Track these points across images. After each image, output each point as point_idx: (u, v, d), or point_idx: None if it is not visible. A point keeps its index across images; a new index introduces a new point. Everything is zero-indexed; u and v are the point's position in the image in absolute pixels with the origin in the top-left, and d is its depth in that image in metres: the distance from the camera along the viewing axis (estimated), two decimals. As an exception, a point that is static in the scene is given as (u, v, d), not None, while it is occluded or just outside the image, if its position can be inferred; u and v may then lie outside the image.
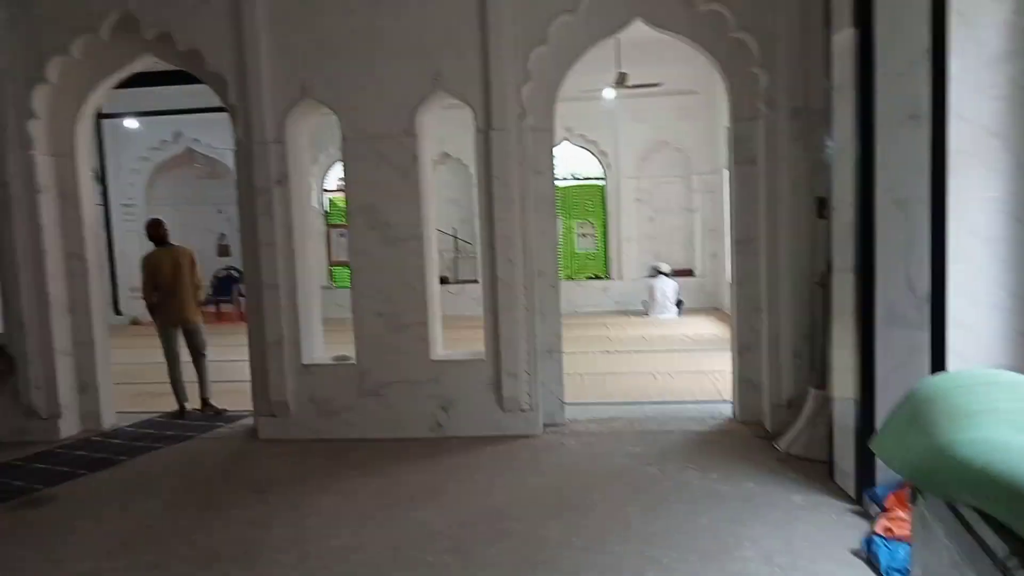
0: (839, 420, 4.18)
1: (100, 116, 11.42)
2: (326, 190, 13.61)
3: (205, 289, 6.39)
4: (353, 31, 5.24)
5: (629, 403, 6.24)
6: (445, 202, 12.74)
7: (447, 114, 6.21)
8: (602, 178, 13.23)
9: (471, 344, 6.08)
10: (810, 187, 4.90)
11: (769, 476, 4.42)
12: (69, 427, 5.87)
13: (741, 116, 5.35)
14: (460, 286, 12.63)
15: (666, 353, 8.71)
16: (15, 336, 5.70)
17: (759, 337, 5.40)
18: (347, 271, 5.93)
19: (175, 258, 6.36)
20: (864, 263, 3.80)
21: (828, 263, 4.32)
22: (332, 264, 13.49)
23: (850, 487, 3.99)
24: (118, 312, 12.74)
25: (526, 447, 5.18)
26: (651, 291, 12.03)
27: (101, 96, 5.95)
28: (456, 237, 13.38)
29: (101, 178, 12.32)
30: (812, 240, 4.94)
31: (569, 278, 12.96)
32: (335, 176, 13.37)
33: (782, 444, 4.86)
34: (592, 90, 10.65)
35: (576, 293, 12.48)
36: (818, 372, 4.80)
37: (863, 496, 3.82)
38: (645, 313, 12.06)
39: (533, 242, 5.38)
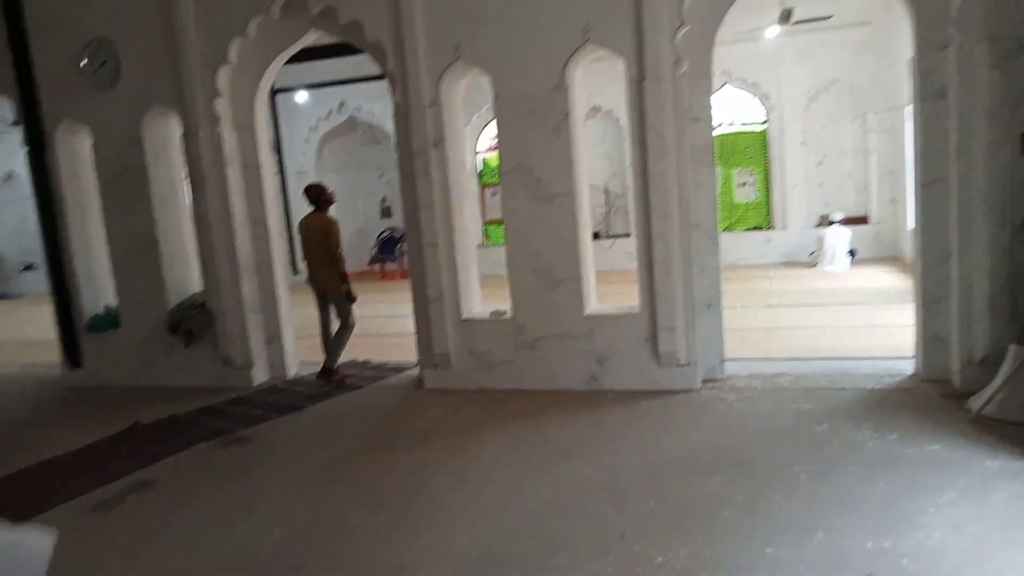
0: (1044, 381, 3.72)
1: (274, 91, 12.34)
2: (479, 151, 13.90)
3: (343, 260, 6.17)
4: (501, -12, 5.24)
5: (795, 359, 5.92)
6: (596, 156, 12.59)
7: (597, 67, 6.08)
8: (764, 123, 12.45)
9: (624, 299, 6.02)
10: (1010, 122, 4.32)
11: (958, 439, 4.04)
12: (259, 375, 6.51)
13: (928, 46, 4.79)
14: (612, 241, 12.51)
15: (837, 307, 8.16)
16: (212, 293, 6.38)
17: (948, 288, 4.90)
18: (501, 229, 6.04)
19: (321, 225, 6.18)
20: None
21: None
22: (486, 223, 13.82)
23: (1057, 456, 3.57)
24: (295, 271, 13.87)
25: (683, 402, 5.09)
26: (820, 241, 11.27)
27: (274, 72, 6.39)
28: (608, 191, 13.21)
29: (277, 149, 13.34)
30: (1012, 180, 4.37)
31: (728, 230, 12.42)
32: (487, 137, 13.60)
33: (974, 404, 4.42)
34: (753, 30, 9.99)
35: (736, 245, 11.96)
36: (1019, 326, 4.29)
37: (1073, 466, 3.41)
38: (813, 265, 11.34)
39: (689, 193, 5.19)
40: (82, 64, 6.26)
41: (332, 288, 6.19)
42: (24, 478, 4.63)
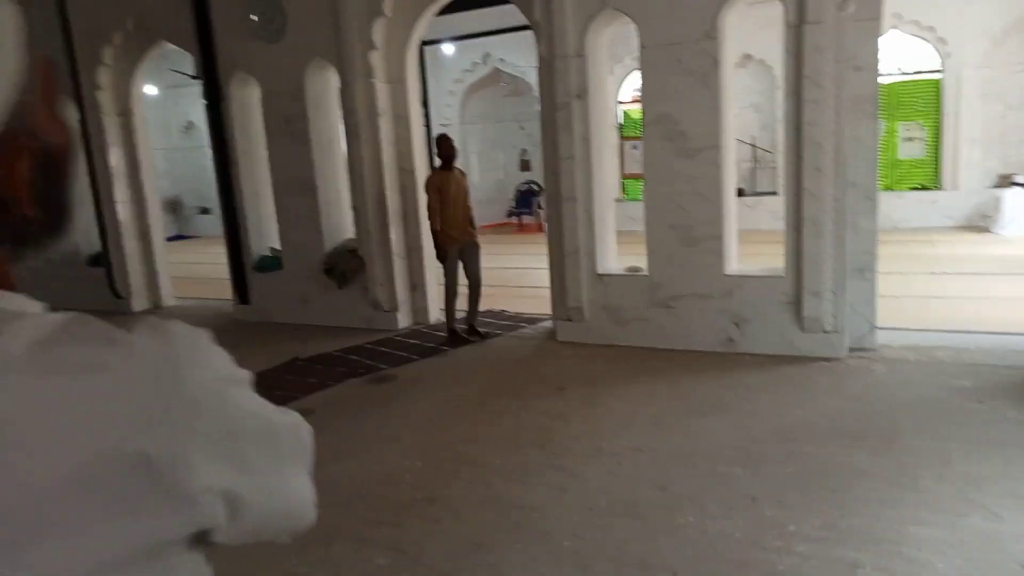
0: None
1: (422, 44, 12.66)
2: (620, 102, 13.61)
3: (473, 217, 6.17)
4: (654, -69, 5.05)
5: (956, 331, 5.47)
6: (745, 108, 11.97)
7: (751, 12, 5.76)
8: (938, 71, 11.29)
9: (767, 260, 5.79)
10: None
11: None
12: (403, 320, 6.88)
13: None
14: (757, 198, 11.94)
15: (1010, 276, 7.41)
16: (363, 240, 6.77)
17: None
18: (638, 184, 5.95)
19: (459, 180, 6.11)
20: None
21: None
22: (624, 177, 13.60)
23: None
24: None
25: (826, 370, 4.87)
26: (998, 203, 10.20)
27: (424, 25, 6.57)
28: (755, 146, 12.57)
29: (424, 101, 13.74)
30: None
31: (888, 188, 11.46)
32: (629, 88, 13.27)
33: None
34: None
35: (897, 206, 11.04)
36: None
37: None
38: (987, 229, 10.30)
39: (847, 148, 4.85)
40: (253, 18, 6.73)
41: (473, 242, 6.22)
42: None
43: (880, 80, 4.97)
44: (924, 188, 11.67)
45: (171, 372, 0.55)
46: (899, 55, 11.32)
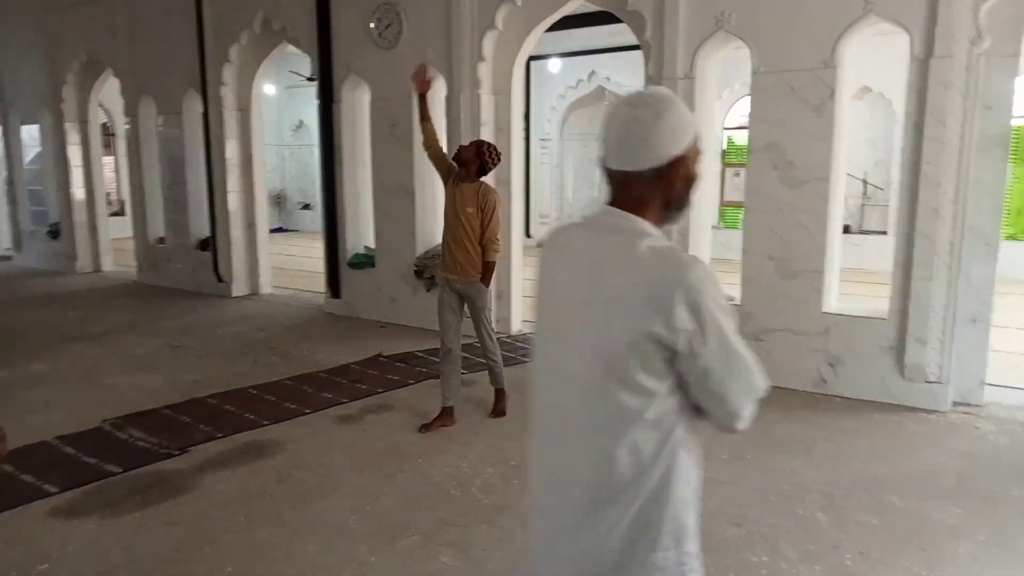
0: None
1: (528, 59, 12.80)
2: (725, 128, 13.33)
3: (497, 247, 4.46)
4: (777, -45, 4.94)
5: (1076, 397, 5.05)
6: (858, 142, 11.46)
7: (875, 41, 5.53)
8: (1077, 117, 10.49)
9: (869, 301, 5.50)
10: None
11: None
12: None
13: None
14: (863, 236, 11.40)
15: None
16: (455, 246, 6.87)
17: None
18: (737, 212, 5.78)
19: (467, 199, 4.37)
20: None
21: None
22: (723, 205, 13.28)
23: None
24: (528, 235, 14.44)
25: (925, 422, 4.58)
26: None
27: (534, 39, 6.64)
28: (866, 182, 12.02)
29: (526, 115, 13.88)
30: None
31: (1013, 238, 10.71)
32: (736, 114, 12.98)
33: None
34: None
35: (1019, 256, 10.30)
36: None
37: None
38: (1118, 292, 9.46)
39: (969, 191, 4.58)
40: (371, 26, 6.99)
41: (472, 283, 4.45)
42: (287, 385, 5.41)
43: (1013, 122, 4.67)
44: (1050, 241, 10.84)
45: (683, 278, 1.27)
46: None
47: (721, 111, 12.71)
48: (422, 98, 4.48)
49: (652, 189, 1.36)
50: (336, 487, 3.73)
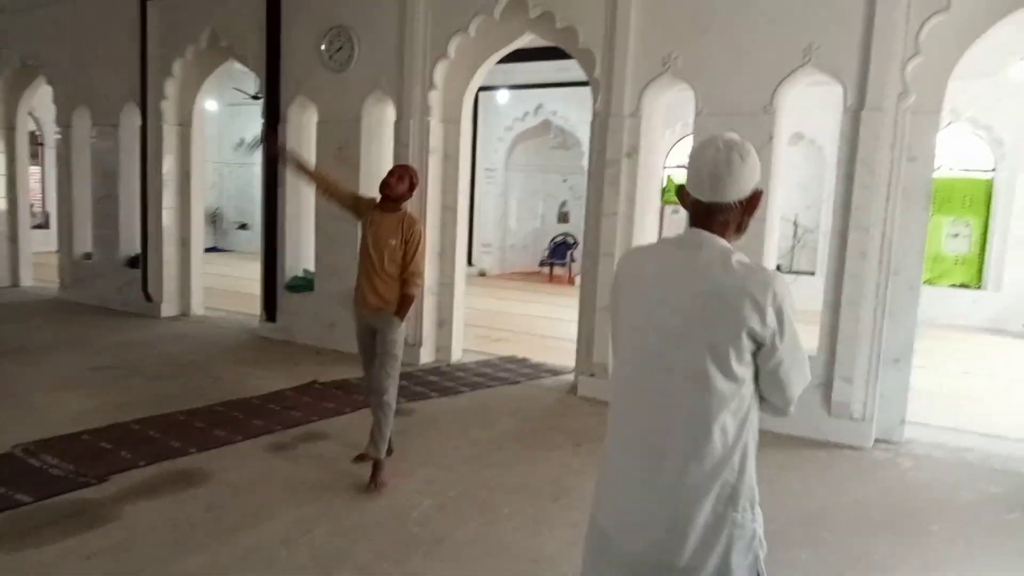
0: None
1: (478, 89, 12.94)
2: (666, 167, 13.70)
3: (419, 281, 4.19)
4: (723, 3, 5.15)
5: (989, 436, 5.31)
6: (791, 186, 11.94)
7: (809, 90, 5.80)
8: (991, 170, 11.22)
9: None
10: None
11: None
12: (426, 355, 6.86)
13: None
14: (794, 276, 11.83)
15: (1050, 387, 7.20)
16: (398, 272, 6.81)
17: None
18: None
19: (391, 228, 4.12)
20: None
21: None
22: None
23: None
24: (470, 263, 14.46)
25: (850, 458, 4.74)
26: (1038, 311, 9.98)
27: (486, 71, 6.72)
28: (796, 224, 12.52)
29: (473, 144, 13.97)
30: None
31: (929, 283, 11.29)
32: (677, 153, 13.37)
33: None
34: (993, 66, 9.02)
35: (936, 300, 10.82)
36: None
37: None
38: (1025, 336, 10.07)
39: (894, 236, 4.81)
40: (322, 48, 6.95)
41: (385, 314, 4.13)
42: (217, 411, 5.22)
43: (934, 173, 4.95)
44: (965, 286, 11.49)
45: (771, 284, 1.61)
46: (953, 151, 11.28)
47: (663, 150, 13.08)
48: (285, 162, 4.12)
49: (734, 216, 1.72)
50: (268, 517, 3.59)
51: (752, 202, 1.72)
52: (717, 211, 1.70)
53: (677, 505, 1.67)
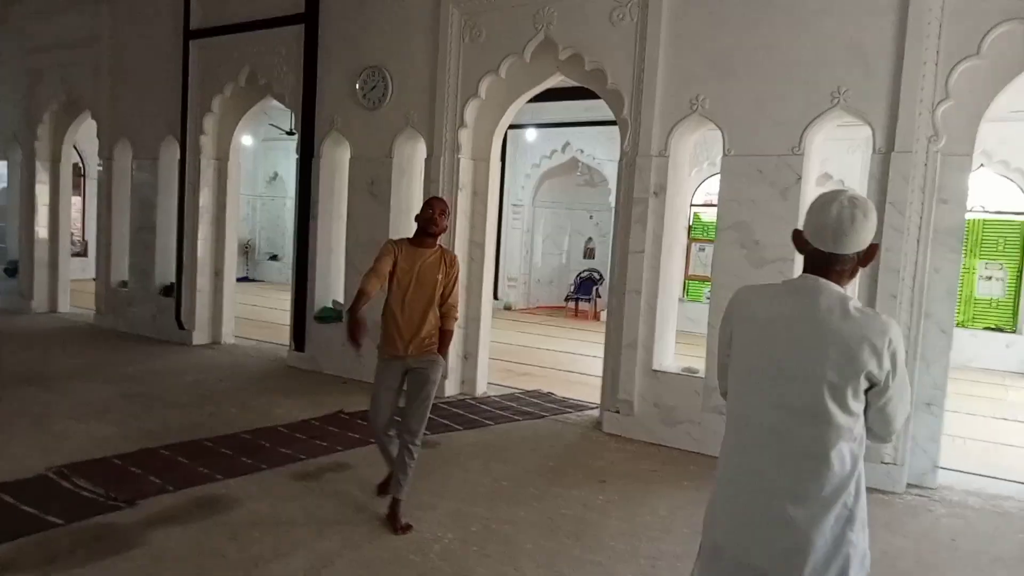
0: None
1: (508, 127, 13.14)
2: (692, 205, 13.72)
3: (457, 315, 4.13)
4: (750, 47, 5.21)
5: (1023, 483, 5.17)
6: (818, 227, 11.89)
7: (837, 131, 5.83)
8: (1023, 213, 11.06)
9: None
10: None
11: None
12: (451, 388, 6.88)
13: None
14: (823, 318, 11.70)
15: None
16: (425, 305, 6.88)
17: None
18: (700, 286, 5.90)
19: (432, 265, 3.93)
20: None
21: None
22: (687, 278, 13.56)
23: None
24: (495, 297, 14.51)
25: (882, 503, 4.63)
26: (1076, 357, 9.73)
27: (515, 110, 6.85)
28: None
29: (500, 180, 14.14)
30: None
31: (962, 325, 11.07)
32: (704, 191, 13.40)
33: None
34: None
35: (969, 344, 10.62)
36: None
37: None
38: (1063, 382, 9.80)
39: (925, 279, 4.77)
40: (356, 86, 7.15)
41: (430, 353, 3.97)
42: (244, 439, 5.27)
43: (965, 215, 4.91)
44: (999, 329, 11.26)
45: (887, 331, 1.80)
46: (985, 193, 11.15)
47: (689, 189, 13.12)
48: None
49: (851, 266, 1.89)
50: (292, 548, 3.61)
51: (869, 254, 1.89)
52: (836, 261, 1.87)
53: (798, 526, 1.84)
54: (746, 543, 1.92)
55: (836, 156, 10.76)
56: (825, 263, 1.88)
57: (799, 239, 1.93)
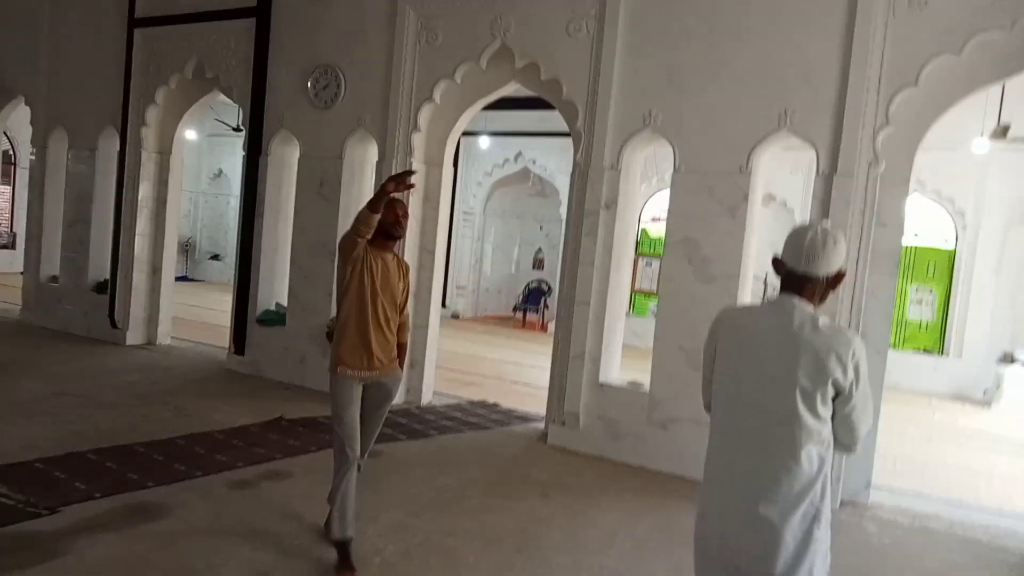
0: None
1: (462, 133, 13.11)
2: (640, 219, 13.92)
3: (410, 326, 3.97)
4: (702, 64, 5.30)
5: (953, 503, 5.36)
6: (761, 244, 12.19)
7: (782, 154, 5.98)
8: (952, 240, 11.57)
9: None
10: None
11: None
12: (397, 397, 6.76)
13: None
14: (763, 334, 11.99)
15: (1011, 456, 7.32)
16: (372, 311, 6.77)
17: None
18: (646, 300, 5.97)
19: (393, 271, 3.65)
20: None
21: None
22: (633, 292, 13.73)
23: None
24: (443, 305, 14.41)
25: (819, 519, 4.73)
26: (999, 379, 10.20)
27: (469, 117, 6.82)
28: (765, 282, 12.74)
29: (452, 187, 14.09)
30: None
31: (893, 347, 11.46)
32: (652, 207, 13.60)
33: None
34: (957, 140, 9.40)
35: (899, 365, 10.99)
36: None
37: None
38: (986, 402, 10.26)
39: (861, 300, 4.92)
40: (308, 84, 7.01)
41: (394, 369, 3.72)
42: (178, 444, 5.08)
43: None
44: (927, 351, 11.72)
45: (851, 344, 2.07)
46: (918, 219, 11.62)
47: (639, 203, 13.30)
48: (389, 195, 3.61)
49: (820, 288, 2.15)
50: (226, 559, 3.47)
51: (835, 280, 2.15)
52: (807, 281, 2.14)
53: (771, 522, 2.08)
54: (727, 539, 2.18)
55: (779, 177, 11.08)
56: (797, 283, 2.15)
57: (777, 263, 2.19)
